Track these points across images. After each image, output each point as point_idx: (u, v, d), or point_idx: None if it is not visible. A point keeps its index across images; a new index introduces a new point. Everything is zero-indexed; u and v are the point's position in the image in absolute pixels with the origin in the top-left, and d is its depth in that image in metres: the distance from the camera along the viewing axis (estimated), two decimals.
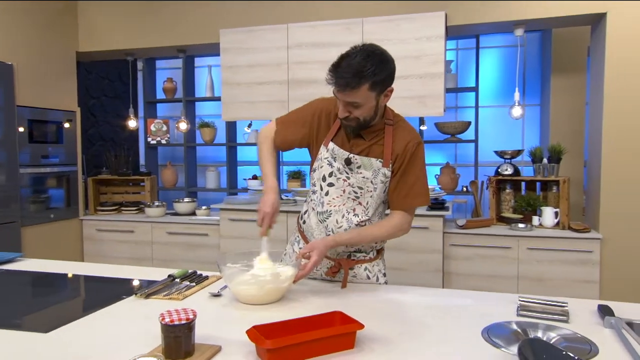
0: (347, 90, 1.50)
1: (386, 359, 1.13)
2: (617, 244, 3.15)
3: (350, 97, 1.52)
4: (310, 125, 1.76)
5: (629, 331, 1.25)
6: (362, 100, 1.53)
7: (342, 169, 1.69)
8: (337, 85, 1.52)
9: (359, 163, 1.67)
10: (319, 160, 1.75)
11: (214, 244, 3.94)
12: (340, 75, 1.50)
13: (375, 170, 1.66)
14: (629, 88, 3.08)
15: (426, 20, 3.35)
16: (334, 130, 1.72)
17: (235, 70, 3.81)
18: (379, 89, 1.54)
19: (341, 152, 1.68)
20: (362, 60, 1.49)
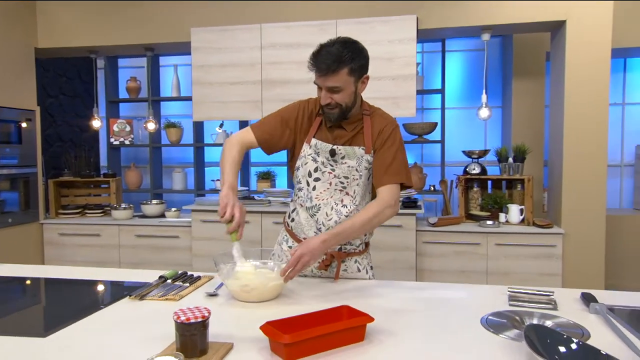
0: (328, 74, 1.60)
1: (396, 349, 1.17)
2: (577, 238, 3.34)
3: (331, 81, 1.61)
4: (293, 125, 1.79)
5: (612, 316, 1.34)
6: (343, 84, 1.62)
7: (326, 162, 1.74)
8: (318, 70, 1.61)
9: (342, 153, 1.73)
10: (302, 158, 1.78)
11: (185, 246, 3.87)
12: (321, 61, 1.60)
13: (359, 158, 1.72)
14: (588, 92, 3.28)
15: (399, 23, 3.44)
16: (315, 127, 1.77)
17: (207, 70, 3.77)
18: (357, 75, 1.65)
19: (324, 145, 1.74)
20: (340, 47, 1.61)
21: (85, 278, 1.83)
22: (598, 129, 3.29)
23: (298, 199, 1.82)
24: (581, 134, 3.31)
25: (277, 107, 3.59)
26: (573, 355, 1.02)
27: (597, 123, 3.29)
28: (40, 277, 1.85)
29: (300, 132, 1.80)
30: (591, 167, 3.31)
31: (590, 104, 3.29)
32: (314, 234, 1.78)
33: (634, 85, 4.58)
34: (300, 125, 1.79)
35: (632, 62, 4.57)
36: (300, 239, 1.83)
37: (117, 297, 1.57)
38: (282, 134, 1.79)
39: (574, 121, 3.32)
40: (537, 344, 1.07)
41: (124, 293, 1.60)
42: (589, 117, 3.29)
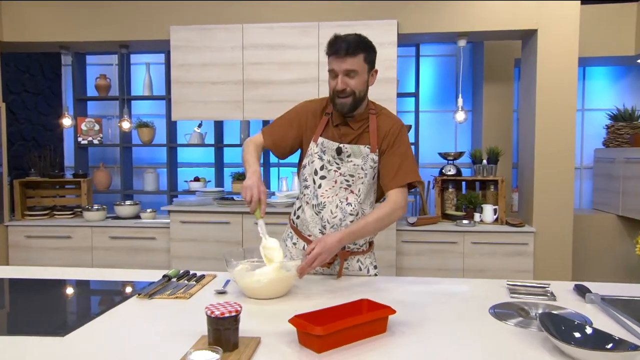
0: (347, 56, 1.65)
1: (418, 339, 1.22)
2: (548, 236, 3.52)
3: (349, 63, 1.66)
4: (299, 125, 1.84)
5: (607, 304, 1.44)
6: (359, 68, 1.68)
7: (332, 160, 1.78)
8: (337, 52, 1.66)
9: (349, 152, 1.77)
10: (309, 156, 1.82)
11: (162, 247, 3.80)
12: (340, 44, 1.66)
13: (365, 157, 1.76)
14: (557, 98, 3.47)
15: (380, 28, 3.52)
16: (321, 126, 1.81)
17: (186, 69, 3.72)
18: (370, 65, 1.73)
19: (331, 144, 1.78)
20: (356, 37, 1.69)
21: (82, 279, 1.79)
22: (566, 133, 3.48)
23: (304, 196, 1.85)
24: (551, 138, 3.50)
25: (259, 108, 3.64)
26: (588, 339, 1.10)
27: (566, 127, 3.48)
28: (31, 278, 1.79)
29: (307, 131, 1.83)
30: (560, 169, 3.50)
31: (559, 110, 3.48)
32: (318, 232, 1.81)
33: (592, 93, 4.87)
34: (306, 125, 1.83)
35: (590, 70, 4.85)
36: (305, 236, 1.86)
37: (125, 296, 1.55)
38: (288, 136, 1.85)
39: (544, 125, 3.50)
40: (552, 330, 1.14)
41: (131, 292, 1.58)
42: (558, 121, 3.48)
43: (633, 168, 4.17)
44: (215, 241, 3.65)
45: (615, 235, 4.31)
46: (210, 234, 3.65)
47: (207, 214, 3.66)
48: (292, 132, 1.84)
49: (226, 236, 3.64)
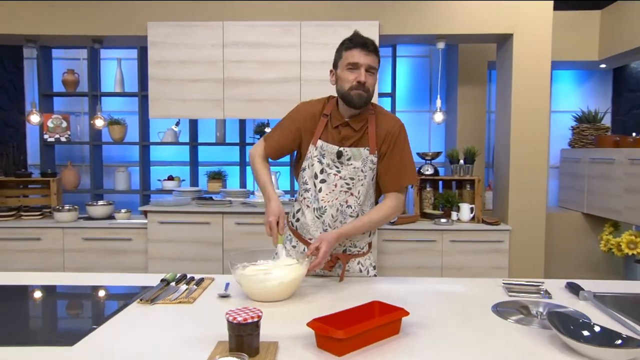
0: (371, 52, 1.70)
1: (432, 340, 1.24)
2: (522, 234, 3.65)
3: (372, 60, 1.72)
4: (297, 128, 1.84)
5: (600, 301, 1.51)
6: (377, 66, 1.75)
7: (331, 164, 1.79)
8: (365, 46, 1.70)
9: (349, 155, 1.78)
10: (308, 159, 1.82)
11: (139, 249, 3.71)
12: (365, 40, 1.71)
13: (364, 159, 1.78)
14: (532, 99, 3.60)
15: (362, 29, 3.47)
16: (320, 129, 1.81)
17: (164, 66, 3.64)
18: (378, 67, 1.77)
19: (330, 147, 1.78)
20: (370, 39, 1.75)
21: (70, 284, 1.73)
22: (540, 134, 3.62)
23: (304, 199, 1.85)
24: (526, 139, 3.62)
25: (240, 107, 3.61)
26: (597, 337, 1.15)
27: (540, 129, 3.61)
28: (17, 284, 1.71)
29: (305, 134, 1.83)
30: (534, 169, 3.63)
31: (533, 112, 3.60)
32: (319, 235, 1.81)
33: (558, 95, 5.07)
34: (304, 127, 1.83)
35: (556, 74, 5.04)
36: (305, 239, 1.86)
37: (125, 302, 1.50)
38: (287, 140, 1.86)
39: (519, 127, 3.62)
40: (561, 328, 1.19)
41: (131, 298, 1.54)
42: (532, 123, 3.61)
43: (597, 168, 4.37)
44: (194, 242, 3.59)
45: (581, 232, 4.51)
46: (189, 234, 3.59)
47: (186, 214, 3.60)
48: (291, 136, 1.85)
49: (206, 237, 3.59)
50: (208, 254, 3.58)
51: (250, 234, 3.56)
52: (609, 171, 4.16)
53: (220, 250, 3.58)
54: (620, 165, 4.00)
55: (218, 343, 1.18)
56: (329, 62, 3.58)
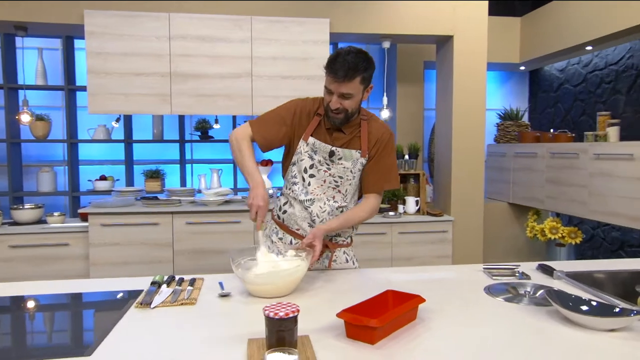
0: (344, 81, 1.67)
1: (446, 321, 1.31)
2: (463, 224, 3.89)
3: (345, 87, 1.69)
4: (290, 122, 1.85)
5: (572, 279, 1.68)
6: (354, 92, 1.71)
7: (322, 161, 1.82)
8: (336, 77, 1.67)
9: (340, 155, 1.82)
10: (298, 154, 1.84)
11: (78, 254, 3.45)
12: (339, 67, 1.66)
13: (354, 161, 1.83)
14: (472, 98, 3.84)
15: (313, 25, 3.57)
16: (313, 126, 1.84)
17: (104, 58, 3.41)
18: (366, 84, 1.74)
19: (323, 146, 1.81)
20: (355, 57, 1.68)
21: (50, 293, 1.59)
22: (478, 130, 3.88)
23: (292, 192, 1.86)
24: (465, 135, 3.87)
25: (189, 102, 3.49)
26: (595, 311, 1.29)
27: (478, 125, 3.88)
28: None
29: (297, 129, 1.84)
30: (473, 164, 3.89)
31: (472, 109, 3.86)
32: (307, 225, 1.85)
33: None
34: (297, 123, 1.84)
35: None
36: (293, 230, 1.87)
37: (122, 308, 1.42)
38: (278, 132, 1.84)
39: (460, 124, 3.86)
40: (562, 304, 1.31)
41: (126, 303, 1.45)
42: (471, 120, 3.86)
43: (520, 161, 4.77)
44: (142, 244, 3.41)
45: (507, 220, 4.90)
46: (137, 236, 3.40)
47: (132, 215, 3.41)
48: (284, 129, 1.84)
49: (155, 238, 3.42)
50: (158, 256, 3.43)
51: (202, 233, 3.46)
52: (532, 164, 4.56)
53: (170, 252, 3.43)
54: (542, 158, 4.41)
55: (249, 341, 1.16)
56: (281, 58, 3.60)
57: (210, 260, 3.46)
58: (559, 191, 4.19)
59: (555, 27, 4.44)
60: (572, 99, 4.87)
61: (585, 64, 4.70)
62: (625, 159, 3.51)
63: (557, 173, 4.22)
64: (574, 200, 3.99)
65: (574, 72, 4.85)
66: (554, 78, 5.16)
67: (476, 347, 1.15)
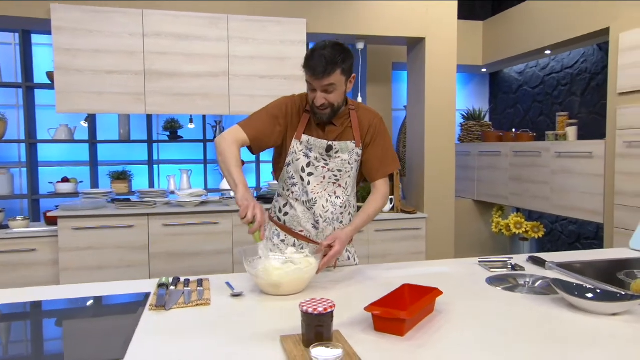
0: (324, 75, 1.66)
1: (463, 312, 1.37)
2: (436, 221, 4.01)
3: (326, 80, 1.67)
4: (284, 121, 1.82)
5: (563, 269, 1.79)
6: (337, 83, 1.70)
7: (319, 157, 1.82)
8: (315, 73, 1.67)
9: (337, 148, 1.82)
10: (292, 154, 1.82)
11: (47, 260, 3.29)
12: (316, 64, 1.66)
13: (350, 152, 1.84)
14: (443, 98, 3.97)
15: (290, 25, 3.58)
16: (304, 124, 1.82)
17: (74, 54, 3.27)
18: (347, 75, 1.74)
19: (319, 142, 1.81)
20: (332, 50, 1.68)
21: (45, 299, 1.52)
22: (449, 130, 4.01)
23: (292, 194, 1.86)
24: (437, 134, 3.99)
25: (164, 101, 3.41)
26: (600, 297, 1.38)
27: (449, 125, 4.01)
28: None
29: (290, 128, 1.82)
30: (445, 161, 4.02)
31: (443, 109, 3.98)
32: (311, 226, 1.85)
33: None
34: (290, 122, 1.82)
35: None
36: (296, 232, 1.87)
37: (135, 311, 1.38)
38: (273, 132, 1.80)
39: (432, 123, 3.97)
40: (568, 293, 1.40)
41: (137, 307, 1.42)
42: (443, 119, 3.99)
43: (484, 160, 4.97)
44: (116, 247, 3.30)
45: (472, 217, 5.09)
46: (111, 239, 3.29)
47: (106, 218, 3.29)
48: (278, 128, 1.80)
49: (130, 241, 3.32)
50: (133, 259, 3.32)
51: (179, 235, 3.38)
52: (496, 162, 4.77)
53: (146, 255, 3.34)
54: (506, 157, 4.62)
55: (282, 337, 1.16)
56: (258, 57, 3.59)
57: (187, 263, 3.39)
58: (522, 188, 4.40)
59: (517, 32, 4.66)
60: (531, 100, 5.13)
61: (543, 67, 4.95)
62: (585, 157, 3.73)
63: (520, 171, 4.43)
64: (537, 197, 4.21)
65: (532, 75, 5.11)
66: (513, 80, 5.41)
67: (498, 335, 1.21)
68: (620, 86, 3.41)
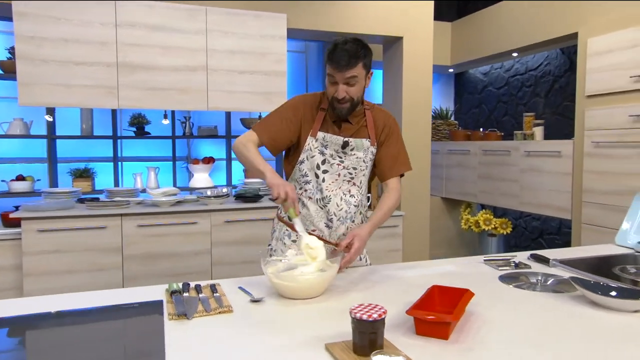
0: (348, 68, 1.67)
1: (495, 313, 1.37)
2: (412, 218, 4.06)
3: (349, 72, 1.68)
4: (296, 120, 1.81)
5: (567, 266, 1.84)
6: (359, 74, 1.71)
7: (335, 154, 1.81)
8: (338, 65, 1.67)
9: (353, 145, 1.81)
10: (307, 151, 1.81)
11: (8, 265, 3.04)
12: (340, 57, 1.67)
13: (366, 150, 1.84)
14: (419, 97, 4.01)
15: (270, 20, 3.49)
16: (319, 121, 1.81)
17: (38, 43, 3.03)
18: (367, 70, 1.75)
19: (335, 138, 1.80)
20: (354, 44, 1.70)
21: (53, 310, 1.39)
22: (425, 128, 4.06)
23: (304, 192, 1.83)
24: (414, 133, 4.03)
25: (139, 96, 3.27)
26: (623, 294, 1.42)
27: (425, 123, 4.05)
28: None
29: (304, 125, 1.81)
30: (420, 159, 4.07)
31: (419, 107, 4.03)
32: (324, 225, 1.82)
33: None
34: (303, 119, 1.81)
35: None
36: (309, 232, 1.81)
37: (154, 322, 1.29)
38: (287, 132, 1.80)
39: (409, 121, 4.01)
40: (590, 290, 1.43)
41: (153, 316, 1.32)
42: (419, 118, 4.03)
43: (453, 158, 5.08)
44: (86, 250, 3.10)
45: (440, 214, 5.20)
46: (80, 242, 3.08)
47: (75, 219, 3.08)
48: (292, 127, 1.80)
49: (102, 243, 3.12)
50: (105, 262, 3.13)
51: (155, 236, 3.22)
52: (465, 161, 4.89)
53: (119, 257, 3.16)
54: (475, 155, 4.74)
55: (329, 345, 1.11)
56: (238, 52, 3.49)
57: (164, 265, 3.24)
58: (491, 186, 4.53)
59: (486, 34, 4.79)
60: (496, 100, 5.29)
61: (507, 68, 5.12)
62: (553, 156, 3.89)
63: (489, 169, 4.56)
64: (507, 194, 4.34)
65: (497, 76, 5.27)
66: (478, 81, 5.56)
67: (539, 334, 1.21)
68: (589, 89, 3.57)
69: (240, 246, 3.39)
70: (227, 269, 3.36)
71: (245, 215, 3.38)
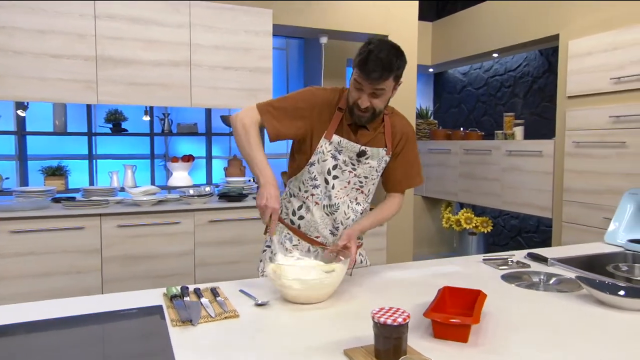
0: (380, 81, 1.55)
1: (507, 314, 1.35)
2: (396, 218, 4.03)
3: (378, 85, 1.56)
4: (309, 118, 1.68)
5: (564, 264, 1.85)
6: (387, 88, 1.59)
7: (348, 161, 1.69)
8: (368, 77, 1.54)
9: (369, 154, 1.70)
10: (319, 154, 1.69)
11: None
12: (372, 68, 1.52)
13: (380, 159, 1.73)
14: (404, 95, 4.00)
15: (256, 15, 3.41)
16: (335, 123, 1.68)
17: (10, 34, 2.87)
18: (397, 81, 1.64)
19: (351, 145, 1.68)
20: (389, 54, 1.55)
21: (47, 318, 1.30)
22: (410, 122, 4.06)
23: (312, 196, 1.73)
24: None
25: (119, 91, 3.15)
26: (632, 293, 1.42)
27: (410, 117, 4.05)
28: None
29: (317, 124, 1.68)
30: None
31: (404, 107, 4.00)
32: (329, 232, 1.76)
33: None
34: (317, 117, 1.68)
35: None
36: (312, 238, 1.76)
37: (157, 328, 1.21)
38: (295, 126, 1.67)
39: None
40: (598, 289, 1.43)
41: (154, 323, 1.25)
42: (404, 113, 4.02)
43: (434, 157, 5.11)
44: (64, 252, 2.95)
45: (421, 212, 5.22)
46: (56, 243, 2.94)
47: (51, 220, 2.93)
48: (301, 122, 1.66)
49: (80, 244, 2.99)
50: (83, 264, 3.00)
51: (136, 237, 3.11)
52: (446, 160, 4.92)
53: (98, 259, 3.03)
54: (456, 155, 4.77)
55: (349, 351, 1.06)
56: (223, 47, 3.41)
57: (145, 266, 3.13)
58: (473, 185, 4.57)
59: (467, 34, 4.83)
60: (475, 100, 5.35)
61: (487, 69, 5.18)
62: (535, 156, 3.94)
63: (471, 168, 4.60)
64: (488, 193, 4.39)
65: (476, 76, 5.33)
66: (458, 80, 5.62)
67: (556, 335, 1.20)
68: (570, 90, 3.64)
69: (225, 246, 3.30)
70: (211, 270, 3.28)
71: (229, 215, 3.30)
